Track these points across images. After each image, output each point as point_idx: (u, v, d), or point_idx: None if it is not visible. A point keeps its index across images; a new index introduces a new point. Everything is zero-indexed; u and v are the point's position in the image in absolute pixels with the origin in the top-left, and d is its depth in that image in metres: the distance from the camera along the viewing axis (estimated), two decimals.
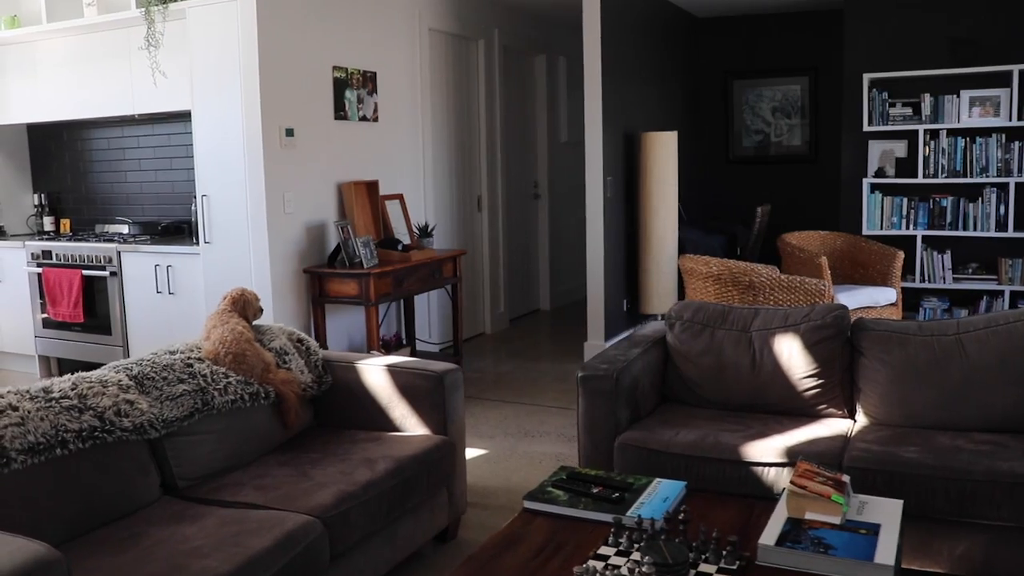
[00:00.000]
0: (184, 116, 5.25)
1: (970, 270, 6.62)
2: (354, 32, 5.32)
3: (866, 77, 6.58)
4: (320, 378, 3.43)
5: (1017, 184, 6.32)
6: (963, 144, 6.43)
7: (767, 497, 3.03)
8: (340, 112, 5.22)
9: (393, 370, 3.37)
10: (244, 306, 3.35)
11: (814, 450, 3.08)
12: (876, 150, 6.83)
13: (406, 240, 5.54)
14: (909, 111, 6.57)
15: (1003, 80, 6.35)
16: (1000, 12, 6.39)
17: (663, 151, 6.39)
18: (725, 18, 7.96)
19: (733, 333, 3.69)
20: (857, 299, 5.65)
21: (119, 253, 5.40)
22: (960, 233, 6.51)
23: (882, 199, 6.70)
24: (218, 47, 4.70)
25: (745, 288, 4.87)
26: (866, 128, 6.65)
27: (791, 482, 2.36)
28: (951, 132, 6.45)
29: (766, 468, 3.08)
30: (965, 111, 6.41)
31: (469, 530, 3.54)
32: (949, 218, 6.55)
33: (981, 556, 2.85)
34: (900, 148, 6.78)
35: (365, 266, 4.94)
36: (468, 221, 6.83)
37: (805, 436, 3.22)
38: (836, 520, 2.28)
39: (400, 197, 5.74)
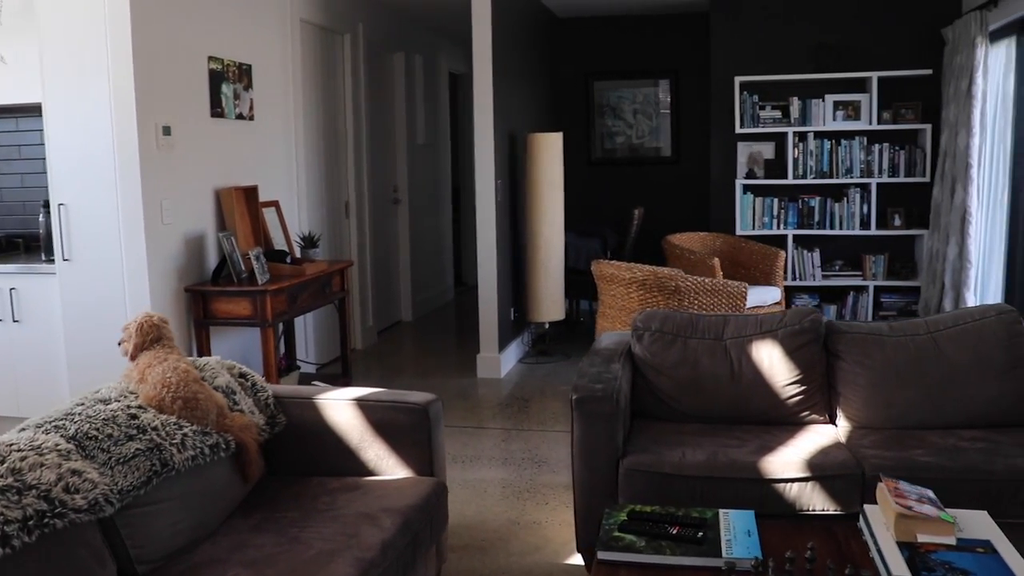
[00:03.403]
0: (29, 110, 4.43)
1: (837, 267, 6.84)
2: (228, 18, 4.70)
3: (737, 80, 6.65)
4: (272, 419, 2.89)
5: (878, 184, 6.59)
6: (829, 146, 6.63)
7: (792, 515, 2.85)
8: (217, 109, 4.58)
9: (364, 405, 2.89)
10: (159, 337, 2.75)
11: (831, 461, 2.92)
12: (744, 152, 6.92)
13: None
14: (778, 114, 6.70)
15: (864, 85, 6.60)
16: (859, 21, 6.64)
17: (549, 152, 6.15)
18: (586, 19, 7.85)
19: (707, 342, 3.49)
20: (747, 299, 5.65)
21: None
22: (827, 232, 6.72)
23: (754, 200, 6.80)
24: (79, 29, 3.97)
25: (671, 293, 4.70)
26: (738, 130, 6.72)
27: (896, 503, 2.15)
28: (818, 135, 6.64)
29: (788, 484, 2.88)
30: (830, 114, 6.61)
31: None
32: (817, 217, 6.74)
33: None
34: (768, 150, 6.91)
35: (259, 282, 4.36)
36: (337, 228, 6.29)
37: (810, 447, 3.06)
38: (951, 540, 2.10)
39: (276, 204, 5.16)
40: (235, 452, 2.62)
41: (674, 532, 2.20)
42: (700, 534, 2.18)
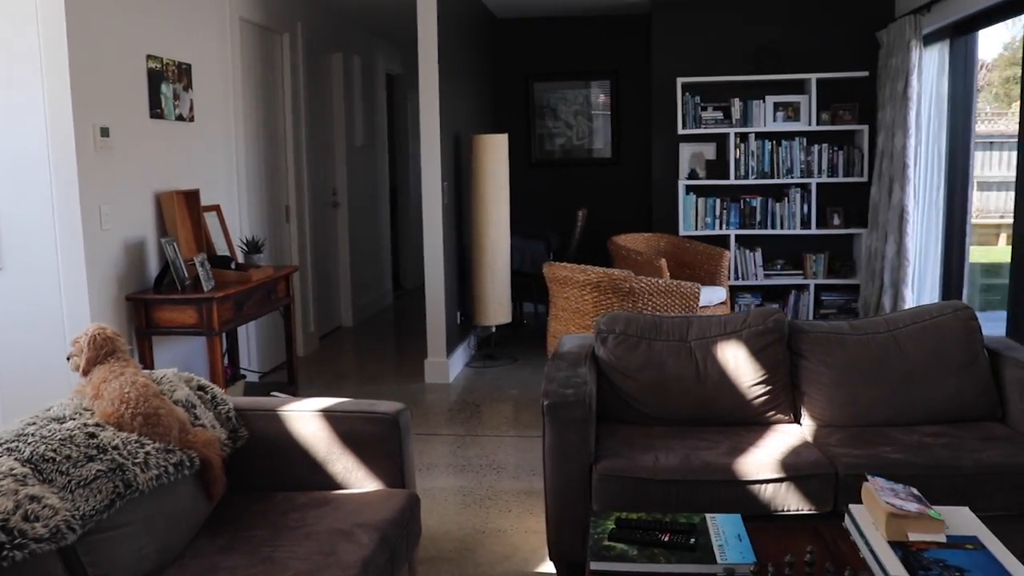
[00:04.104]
0: None
1: (778, 266, 6.92)
2: (167, 15, 4.52)
3: (679, 81, 6.68)
4: (234, 433, 2.76)
5: (818, 184, 6.69)
6: (770, 147, 6.71)
7: (769, 516, 2.84)
8: (156, 109, 4.40)
9: (331, 416, 2.78)
10: (114, 350, 2.60)
11: (805, 461, 2.93)
12: (686, 152, 6.97)
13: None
14: (720, 115, 6.76)
15: (803, 87, 6.70)
16: (797, 24, 6.74)
17: (495, 154, 6.09)
18: (525, 19, 7.80)
19: (671, 344, 3.47)
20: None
21: None
22: (769, 232, 6.80)
23: (696, 200, 6.84)
24: (10, 26, 3.75)
25: (625, 295, 4.68)
26: (680, 131, 6.75)
27: (886, 502, 2.14)
28: (759, 135, 6.71)
29: (764, 485, 2.87)
30: (770, 115, 6.69)
31: None
32: (759, 217, 6.82)
33: None
34: (709, 151, 6.96)
35: (205, 289, 4.19)
36: (277, 233, 6.12)
37: (780, 447, 3.06)
38: (941, 538, 2.10)
39: (217, 208, 4.99)
40: (199, 469, 2.49)
41: (666, 539, 2.15)
42: (692, 540, 2.14)
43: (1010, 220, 8.48)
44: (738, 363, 3.39)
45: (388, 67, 8.77)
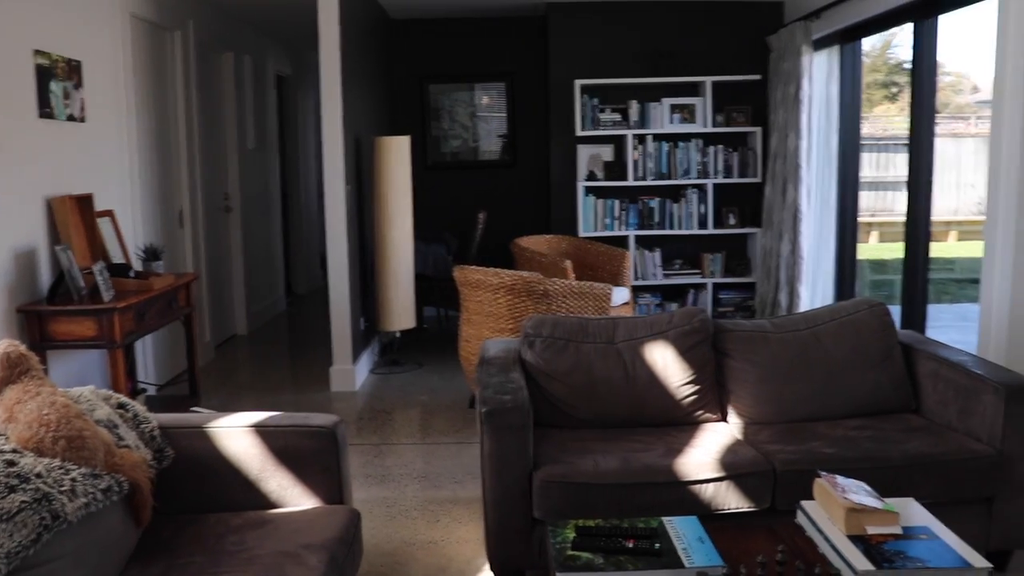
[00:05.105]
0: None
1: (677, 266, 7.06)
2: (55, 8, 4.24)
3: (577, 83, 6.72)
4: (160, 452, 2.59)
5: (714, 185, 6.85)
6: (667, 148, 6.83)
7: (712, 516, 2.86)
8: (46, 109, 4.11)
9: (264, 431, 2.65)
10: (28, 368, 2.41)
11: (742, 460, 2.97)
12: (585, 154, 7.02)
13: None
14: (618, 116, 6.83)
15: (698, 90, 6.85)
16: (692, 28, 6.89)
17: (397, 156, 5.98)
18: (420, 20, 7.70)
19: (599, 346, 3.47)
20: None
21: None
22: (667, 232, 6.92)
23: (595, 202, 6.90)
24: None
25: (540, 297, 4.66)
26: (579, 133, 6.80)
27: (842, 497, 2.18)
28: (656, 137, 6.82)
29: (704, 485, 2.89)
30: (667, 117, 6.81)
31: None
32: (657, 218, 6.93)
33: None
34: (607, 152, 7.04)
35: (105, 299, 3.95)
36: (172, 239, 5.84)
37: (714, 446, 3.10)
38: (897, 530, 2.15)
39: (111, 213, 4.71)
40: (128, 494, 2.32)
41: (630, 545, 2.13)
42: (657, 545, 2.13)
43: (881, 219, 8.93)
44: (666, 364, 3.41)
45: (278, 68, 8.51)
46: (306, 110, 9.77)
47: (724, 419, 3.46)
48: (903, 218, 5.15)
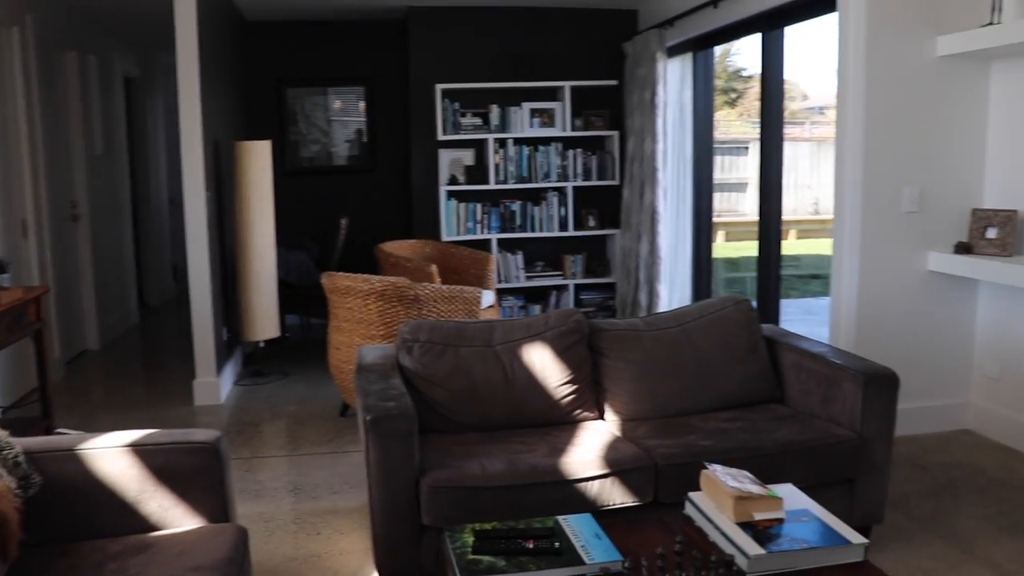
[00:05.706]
0: None
1: (539, 268, 7.18)
2: None
3: (438, 88, 6.74)
4: (26, 480, 2.44)
5: (574, 188, 7.00)
6: (528, 152, 6.94)
7: (599, 512, 2.92)
8: None
9: (141, 450, 2.53)
10: None
11: (625, 456, 3.05)
12: (445, 159, 7.04)
13: None
14: (479, 121, 6.89)
15: (557, 95, 6.98)
16: (550, 34, 7.02)
17: (258, 162, 5.82)
18: (277, 23, 7.52)
19: (477, 349, 3.50)
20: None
21: None
22: (529, 235, 7.03)
23: (457, 206, 6.94)
24: None
25: (410, 302, 4.64)
26: (440, 137, 6.81)
27: (730, 487, 2.28)
28: (517, 141, 6.91)
29: (590, 483, 2.96)
30: (527, 122, 6.91)
31: None
32: (519, 221, 7.03)
33: None
34: (468, 156, 7.08)
35: None
36: (15, 250, 5.48)
37: (596, 444, 3.17)
38: (782, 515, 2.27)
39: None
40: None
41: (530, 546, 2.16)
42: (557, 544, 2.16)
43: (727, 219, 9.35)
44: (544, 365, 3.47)
45: (125, 69, 8.13)
46: (155, 114, 9.37)
47: (602, 417, 3.55)
48: (748, 218, 5.43)
